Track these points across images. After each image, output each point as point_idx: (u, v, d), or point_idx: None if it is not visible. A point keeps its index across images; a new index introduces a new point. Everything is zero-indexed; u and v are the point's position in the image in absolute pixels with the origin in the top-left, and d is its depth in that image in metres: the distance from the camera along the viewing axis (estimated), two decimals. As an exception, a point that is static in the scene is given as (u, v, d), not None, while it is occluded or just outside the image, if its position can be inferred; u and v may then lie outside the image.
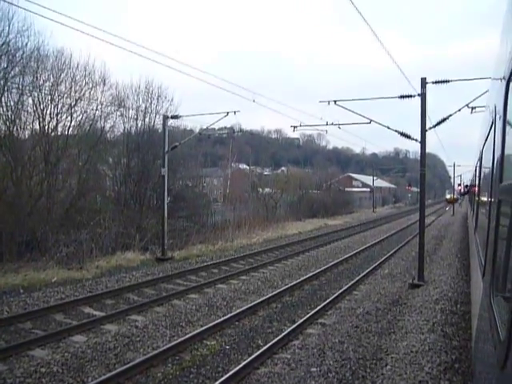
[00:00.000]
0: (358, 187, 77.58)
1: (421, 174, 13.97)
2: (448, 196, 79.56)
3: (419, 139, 13.75)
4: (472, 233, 11.04)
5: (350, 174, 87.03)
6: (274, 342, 7.98)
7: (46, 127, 19.33)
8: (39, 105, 19.03)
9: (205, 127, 21.30)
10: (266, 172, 59.92)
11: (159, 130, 23.16)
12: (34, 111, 19.03)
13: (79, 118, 20.95)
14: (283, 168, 65.40)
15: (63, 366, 7.07)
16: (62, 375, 6.76)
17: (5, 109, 17.95)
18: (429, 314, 9.89)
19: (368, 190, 71.66)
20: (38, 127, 19.37)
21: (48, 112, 19.29)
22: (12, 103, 18.16)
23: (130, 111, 24.32)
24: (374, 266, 16.24)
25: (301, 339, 8.53)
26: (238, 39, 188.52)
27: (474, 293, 6.00)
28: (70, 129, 20.62)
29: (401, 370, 6.89)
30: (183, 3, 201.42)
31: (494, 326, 2.59)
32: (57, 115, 19.59)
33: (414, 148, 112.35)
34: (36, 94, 18.94)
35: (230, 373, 6.61)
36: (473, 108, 13.55)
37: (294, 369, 7.03)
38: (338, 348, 7.92)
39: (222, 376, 6.65)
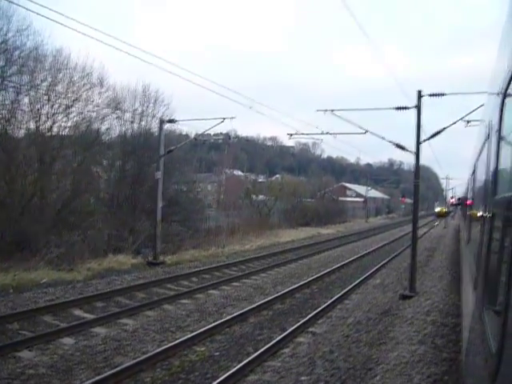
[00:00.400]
0: (351, 197, 77.84)
1: (415, 185, 14.04)
2: (437, 209, 74.66)
3: (414, 151, 13.84)
4: (464, 245, 11.10)
5: (344, 184, 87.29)
6: (264, 349, 7.95)
7: (42, 127, 19.28)
8: (35, 104, 18.98)
9: (200, 132, 21.34)
10: (261, 179, 59.96)
11: (155, 134, 23.14)
12: (30, 110, 18.99)
13: (75, 119, 20.93)
14: (278, 175, 65.46)
15: (51, 368, 7.00)
16: (50, 377, 6.69)
17: (1, 107, 17.89)
18: (419, 326, 9.89)
19: (362, 199, 71.88)
20: (33, 127, 19.30)
21: (44, 112, 19.26)
22: (8, 102, 18.13)
23: (127, 114, 24.32)
24: (366, 275, 16.25)
25: (291, 347, 8.51)
26: (239, 48, 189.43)
27: (466, 305, 6.02)
28: (66, 129, 20.59)
29: (390, 380, 6.88)
30: (183, 9, 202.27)
31: (485, 338, 2.60)
32: (53, 115, 19.54)
33: (408, 159, 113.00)
34: (33, 94, 18.91)
35: (219, 379, 6.57)
36: (468, 121, 13.66)
37: (283, 377, 7.00)
38: (328, 357, 7.90)
39: (211, 382, 6.61)
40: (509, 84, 2.52)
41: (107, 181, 24.57)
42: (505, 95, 2.72)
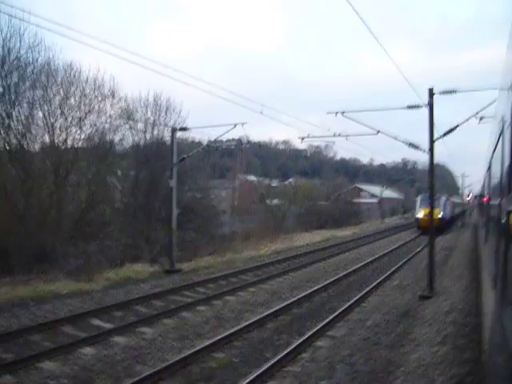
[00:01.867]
0: (365, 198, 77.23)
1: (430, 184, 13.90)
2: (421, 213, 34.95)
3: (427, 150, 13.71)
4: (482, 243, 10.94)
5: (358, 185, 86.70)
6: (282, 354, 7.92)
7: (56, 140, 19.54)
8: (49, 118, 19.26)
9: (213, 139, 21.43)
10: (274, 183, 59.88)
11: (167, 143, 23.29)
12: (44, 125, 19.27)
13: (88, 131, 21.15)
14: (291, 179, 65.32)
15: (72, 378, 7.07)
16: (71, 388, 6.76)
17: (16, 123, 18.21)
18: (439, 326, 9.76)
19: (376, 200, 71.27)
20: (48, 140, 19.59)
21: (58, 125, 19.52)
22: (23, 117, 18.42)
23: (139, 124, 24.55)
24: (383, 277, 16.10)
25: (310, 352, 8.45)
26: (247, 53, 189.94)
27: (486, 304, 5.92)
28: (80, 142, 20.84)
29: (412, 383, 6.80)
30: (191, 15, 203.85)
31: (505, 337, 2.55)
32: (66, 128, 19.80)
33: (422, 158, 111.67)
34: (46, 108, 19.19)
35: (239, 386, 6.56)
36: (481, 118, 13.49)
37: (303, 382, 6.96)
38: (347, 361, 7.84)
39: (230, 389, 6.60)
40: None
41: (122, 191, 24.79)
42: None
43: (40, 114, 19.16)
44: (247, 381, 6.73)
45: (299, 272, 17.87)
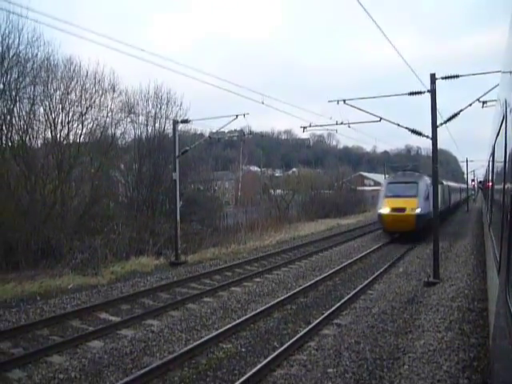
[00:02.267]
0: (369, 186, 77.09)
1: (433, 170, 13.84)
2: (385, 207, 22.11)
3: (430, 136, 13.63)
4: (487, 229, 10.91)
5: (362, 173, 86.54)
6: (289, 343, 7.96)
7: (58, 135, 19.57)
8: (51, 114, 19.27)
9: (214, 131, 21.39)
10: (277, 173, 59.83)
11: (169, 135, 23.28)
12: (45, 120, 19.29)
13: (90, 126, 21.18)
14: (294, 169, 65.24)
15: (81, 371, 7.14)
16: (80, 381, 6.83)
17: (17, 119, 18.23)
18: (445, 312, 9.79)
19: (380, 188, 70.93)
20: (50, 136, 19.61)
21: (59, 120, 19.53)
22: (24, 113, 18.44)
23: (140, 117, 24.49)
24: (389, 264, 16.12)
25: (316, 340, 8.49)
26: (248, 42, 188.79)
27: (490, 289, 5.92)
28: (82, 136, 20.87)
29: (418, 369, 6.83)
30: (190, 7, 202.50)
31: (510, 322, 2.55)
32: (68, 123, 19.82)
33: (425, 145, 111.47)
34: (47, 103, 19.20)
35: (247, 375, 6.61)
36: (484, 102, 13.38)
37: (310, 370, 7.00)
38: (354, 348, 7.87)
39: (238, 379, 6.65)
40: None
41: (125, 185, 24.83)
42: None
43: (41, 109, 19.19)
44: (254, 370, 6.78)
45: (304, 261, 17.90)
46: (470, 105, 13.60)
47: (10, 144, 18.18)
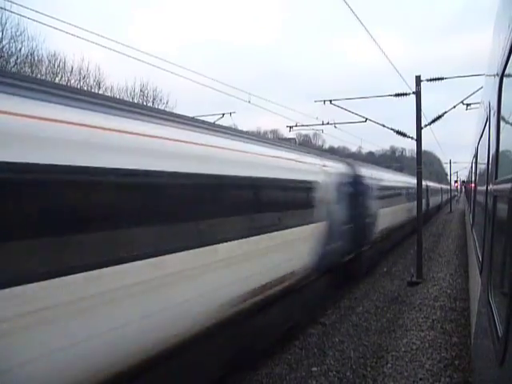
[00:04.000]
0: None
1: (417, 171, 14.00)
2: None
3: (415, 137, 13.78)
4: (469, 229, 11.09)
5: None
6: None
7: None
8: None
9: (201, 129, 21.04)
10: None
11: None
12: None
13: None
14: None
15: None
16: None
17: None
18: (428, 312, 9.92)
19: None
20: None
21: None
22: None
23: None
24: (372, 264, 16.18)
25: (301, 339, 8.52)
26: (233, 40, 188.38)
27: (473, 289, 6.02)
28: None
29: (401, 367, 6.91)
30: (179, 5, 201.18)
31: (492, 321, 2.59)
32: (52, 120, 19.54)
33: (410, 146, 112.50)
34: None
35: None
36: (468, 105, 13.59)
37: (294, 369, 7.02)
38: (338, 347, 7.92)
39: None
40: (505, 66, 2.50)
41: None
42: (502, 76, 2.70)
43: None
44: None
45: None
46: (454, 107, 13.80)
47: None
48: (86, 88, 21.22)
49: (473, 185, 9.79)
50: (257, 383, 6.64)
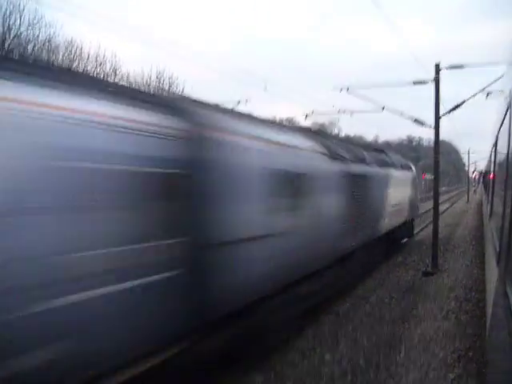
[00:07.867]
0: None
1: (435, 161, 13.80)
2: None
3: (433, 126, 13.57)
4: (487, 220, 10.94)
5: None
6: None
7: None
8: (52, 97, 19.15)
9: (216, 117, 21.01)
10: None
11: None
12: (46, 103, 19.17)
13: (91, 110, 21.05)
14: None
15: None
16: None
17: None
18: (443, 302, 9.85)
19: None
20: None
21: (60, 104, 19.42)
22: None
23: (142, 102, 24.33)
24: (387, 254, 16.13)
25: (314, 327, 8.54)
26: (250, 27, 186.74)
27: (489, 280, 5.95)
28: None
29: (414, 357, 6.89)
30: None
31: (508, 313, 2.56)
32: (69, 107, 19.70)
33: (427, 135, 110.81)
34: (48, 86, 19.05)
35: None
36: (488, 93, 13.30)
37: (307, 356, 7.06)
38: (351, 336, 7.93)
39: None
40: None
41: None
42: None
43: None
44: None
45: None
46: (474, 96, 13.52)
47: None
48: (102, 75, 21.33)
49: (491, 175, 9.63)
50: (269, 369, 6.69)
